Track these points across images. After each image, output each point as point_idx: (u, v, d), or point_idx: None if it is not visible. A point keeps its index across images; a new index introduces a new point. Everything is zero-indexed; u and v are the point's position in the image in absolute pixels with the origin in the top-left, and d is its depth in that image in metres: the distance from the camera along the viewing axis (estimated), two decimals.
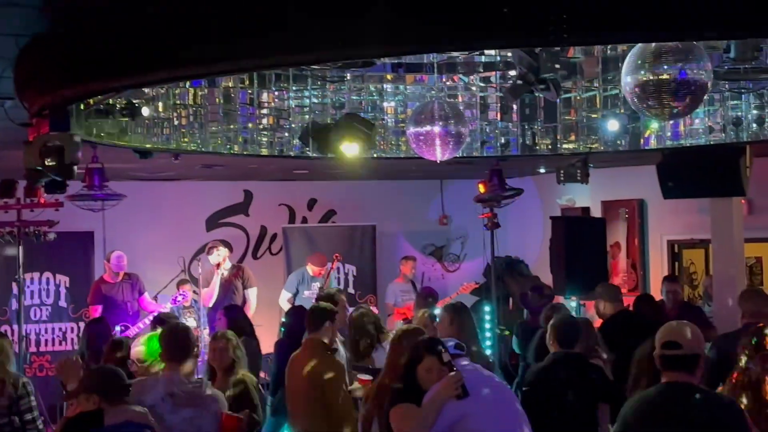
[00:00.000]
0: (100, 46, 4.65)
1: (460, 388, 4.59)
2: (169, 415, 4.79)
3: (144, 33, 4.48)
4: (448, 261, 13.60)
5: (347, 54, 4.30)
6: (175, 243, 12.17)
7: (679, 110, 4.90)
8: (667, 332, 4.17)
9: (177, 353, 4.98)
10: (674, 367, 4.07)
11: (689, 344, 4.10)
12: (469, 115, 8.50)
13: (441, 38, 3.91)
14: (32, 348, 10.93)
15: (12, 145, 7.82)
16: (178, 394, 4.81)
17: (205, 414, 4.86)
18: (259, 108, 8.32)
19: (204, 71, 4.80)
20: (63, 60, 4.85)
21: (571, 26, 3.86)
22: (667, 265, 11.45)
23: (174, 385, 4.85)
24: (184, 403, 4.82)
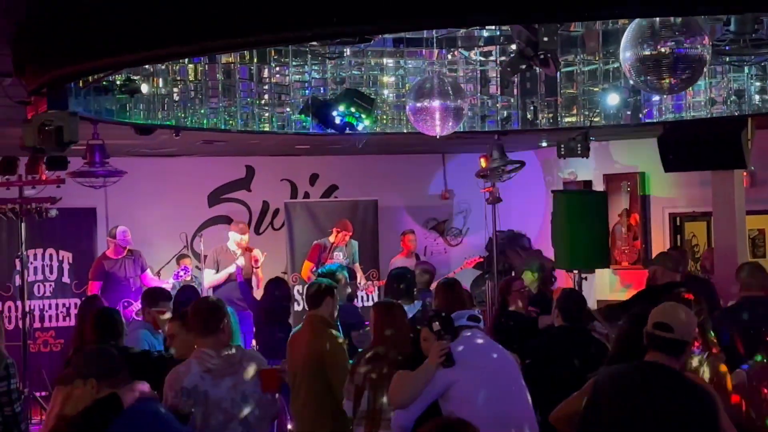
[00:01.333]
0: (97, 24, 4.64)
1: (444, 357, 4.77)
2: (212, 389, 4.86)
3: (141, 10, 4.48)
4: (451, 235, 13.61)
5: (341, 31, 4.29)
6: (177, 219, 12.18)
7: (677, 84, 4.89)
8: (662, 313, 4.15)
9: (203, 329, 5.03)
10: (661, 349, 4.05)
11: (681, 330, 4.08)
12: (470, 90, 8.49)
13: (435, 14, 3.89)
14: (36, 324, 10.96)
15: (12, 123, 7.83)
16: (213, 368, 4.89)
17: (245, 378, 4.95)
18: (260, 83, 8.31)
19: (200, 49, 4.79)
20: (60, 38, 4.84)
21: (568, 2, 3.86)
22: (669, 237, 11.46)
23: (207, 361, 4.91)
24: (223, 373, 4.91)
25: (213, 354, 4.94)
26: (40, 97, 5.30)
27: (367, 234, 12.10)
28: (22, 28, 5.14)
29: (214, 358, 4.93)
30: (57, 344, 11.13)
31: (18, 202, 8.87)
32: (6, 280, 10.74)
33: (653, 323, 4.11)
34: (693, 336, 4.22)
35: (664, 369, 4.05)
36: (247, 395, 4.96)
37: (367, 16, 3.96)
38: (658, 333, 4.07)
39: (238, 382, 4.95)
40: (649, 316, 4.16)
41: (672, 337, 4.05)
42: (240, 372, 4.97)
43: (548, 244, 10.41)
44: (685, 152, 8.54)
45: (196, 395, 4.84)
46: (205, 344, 4.99)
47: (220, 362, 4.93)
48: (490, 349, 5.10)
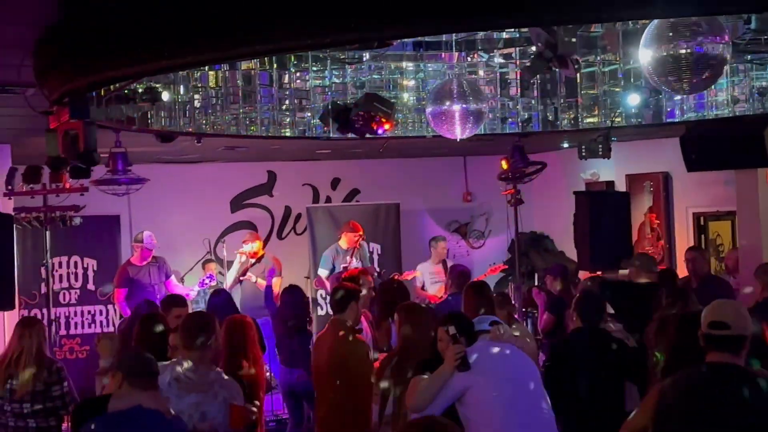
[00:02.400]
0: (117, 34, 4.66)
1: (459, 360, 4.78)
2: (175, 399, 4.80)
3: (161, 19, 4.50)
4: (473, 238, 13.59)
5: (359, 36, 4.30)
6: (200, 225, 12.25)
7: (697, 84, 4.86)
8: (715, 311, 4.09)
9: (187, 339, 5.01)
10: (721, 348, 3.99)
11: (737, 325, 4.02)
12: (490, 92, 8.48)
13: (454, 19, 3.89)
14: (62, 331, 11.06)
15: (36, 132, 7.90)
16: (183, 379, 4.84)
17: (212, 401, 4.86)
18: (280, 89, 8.34)
19: (221, 56, 4.82)
20: (81, 48, 4.88)
21: (586, 4, 3.85)
22: (693, 237, 11.39)
23: (180, 371, 4.88)
24: (190, 388, 4.84)
25: (191, 368, 4.89)
26: (62, 107, 5.34)
27: (389, 237, 12.10)
28: (43, 38, 5.18)
29: (189, 372, 4.87)
30: (83, 351, 11.22)
31: (42, 211, 8.93)
32: (32, 288, 10.82)
33: (708, 323, 4.04)
34: (750, 329, 4.12)
35: (731, 367, 3.99)
36: (206, 417, 4.85)
37: (385, 21, 3.96)
38: (715, 333, 4.01)
39: (202, 402, 4.85)
40: (702, 317, 4.10)
41: (730, 333, 3.99)
42: (208, 393, 4.87)
43: (571, 245, 10.37)
44: (708, 151, 8.47)
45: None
46: (189, 356, 4.96)
47: (193, 377, 4.87)
48: (506, 355, 5.07)
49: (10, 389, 6.33)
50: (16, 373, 6.33)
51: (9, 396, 6.34)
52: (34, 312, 10.96)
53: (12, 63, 5.65)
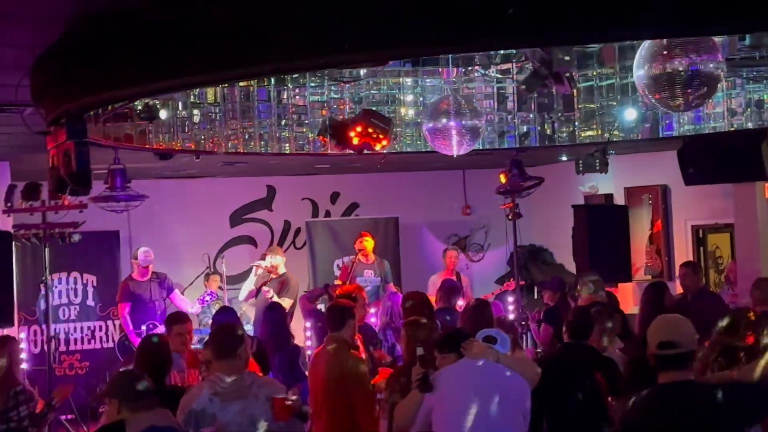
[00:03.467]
0: (113, 55, 4.70)
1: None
2: (220, 412, 4.88)
3: (155, 42, 4.53)
4: (472, 251, 13.59)
5: (353, 58, 4.32)
6: (199, 240, 12.25)
7: (691, 102, 4.88)
8: (662, 331, 4.03)
9: (217, 352, 5.10)
10: (673, 367, 3.95)
11: (685, 341, 3.98)
12: (488, 107, 8.51)
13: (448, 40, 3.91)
14: (62, 347, 11.06)
15: (35, 150, 7.94)
16: (221, 391, 4.91)
17: (255, 403, 4.94)
18: (278, 105, 8.37)
19: (214, 79, 4.84)
20: (77, 70, 4.91)
21: (577, 24, 3.87)
22: (692, 250, 11.39)
23: (216, 385, 4.95)
24: (231, 397, 4.92)
25: (224, 378, 4.97)
26: (59, 127, 5.36)
27: (389, 251, 12.11)
28: (40, 59, 5.21)
29: (224, 383, 4.95)
30: (82, 367, 11.20)
31: (42, 228, 8.95)
32: (31, 304, 10.81)
33: (657, 344, 3.98)
34: (696, 341, 4.08)
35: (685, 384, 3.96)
36: (255, 420, 4.94)
37: (378, 42, 3.99)
38: (666, 353, 3.96)
39: (247, 406, 4.93)
40: (649, 338, 4.05)
41: (680, 351, 3.95)
42: (249, 397, 4.96)
43: (571, 258, 10.39)
44: (706, 165, 8.50)
45: (203, 417, 4.86)
46: (219, 368, 5.03)
47: (229, 386, 4.94)
48: (480, 373, 5.08)
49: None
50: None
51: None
52: (34, 328, 10.99)
53: (9, 83, 5.67)
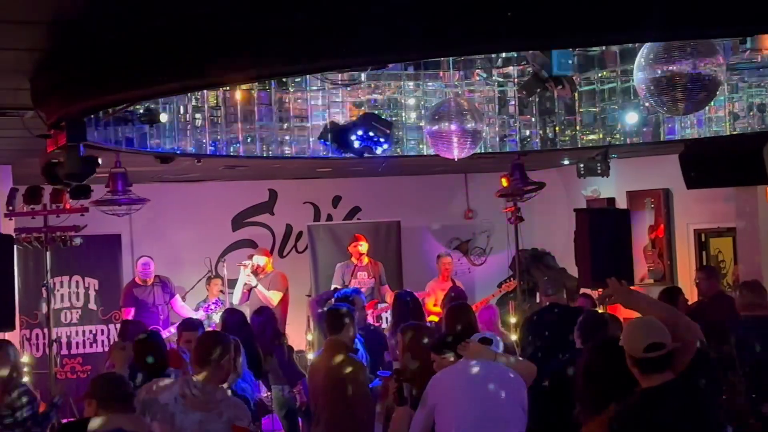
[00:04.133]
0: (113, 59, 4.70)
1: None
2: (180, 415, 4.81)
3: (154, 44, 4.53)
4: (474, 255, 13.58)
5: (352, 61, 4.32)
6: (201, 243, 12.25)
7: (692, 105, 4.87)
8: (647, 334, 3.95)
9: (199, 356, 5.01)
10: (661, 368, 3.90)
11: (667, 340, 3.93)
12: (489, 111, 8.50)
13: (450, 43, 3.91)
14: (63, 351, 11.07)
15: (34, 154, 7.94)
16: (189, 396, 4.83)
17: (216, 420, 4.84)
18: (279, 109, 8.37)
19: (212, 81, 4.84)
20: (77, 73, 4.91)
21: (578, 27, 3.87)
22: (694, 254, 11.37)
23: (187, 387, 4.87)
24: (196, 406, 4.82)
25: (198, 385, 4.88)
26: (59, 131, 5.36)
27: (391, 255, 12.10)
28: (40, 63, 5.21)
29: (196, 389, 4.86)
30: (84, 371, 11.21)
31: (43, 231, 8.94)
32: (33, 308, 10.82)
33: (644, 347, 3.90)
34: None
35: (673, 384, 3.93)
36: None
37: (378, 46, 3.98)
38: (653, 355, 3.90)
39: (206, 420, 4.82)
40: (631, 343, 3.96)
41: (666, 352, 3.91)
42: (212, 412, 4.84)
43: (573, 262, 10.35)
44: (707, 169, 8.49)
45: (162, 412, 4.80)
46: (199, 374, 4.94)
47: (199, 394, 4.85)
48: (479, 371, 5.13)
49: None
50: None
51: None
52: (36, 332, 10.99)
53: (8, 86, 5.68)
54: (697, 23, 3.88)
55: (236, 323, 7.74)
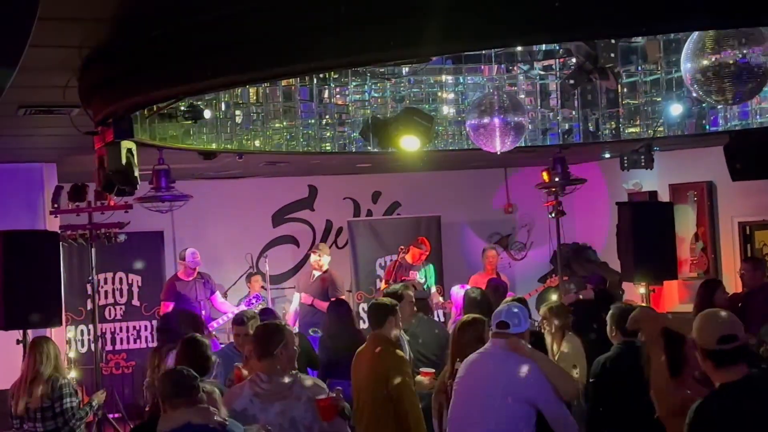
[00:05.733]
0: (160, 56, 4.73)
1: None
2: (260, 413, 4.86)
3: (202, 40, 4.56)
4: (515, 249, 13.52)
5: (400, 54, 4.32)
6: (242, 240, 12.32)
7: (740, 95, 4.80)
8: (720, 325, 3.84)
9: (257, 351, 5.06)
10: (735, 361, 3.75)
11: (743, 333, 3.82)
12: (530, 104, 8.45)
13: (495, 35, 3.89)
14: (108, 347, 11.19)
15: (81, 151, 8.04)
16: (262, 392, 4.88)
17: (296, 404, 4.90)
18: (320, 104, 8.39)
19: (259, 77, 4.86)
20: (124, 70, 4.96)
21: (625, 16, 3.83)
22: (738, 247, 11.24)
23: (257, 385, 4.93)
24: (272, 398, 4.88)
25: (265, 378, 4.93)
26: (106, 127, 5.42)
27: (431, 250, 12.06)
28: (87, 60, 5.26)
29: (265, 383, 4.91)
30: (128, 366, 11.32)
31: (88, 228, 9.07)
32: (78, 304, 10.96)
33: (717, 339, 3.78)
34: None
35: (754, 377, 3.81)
36: (296, 422, 4.89)
37: (423, 39, 3.97)
38: (728, 347, 3.76)
39: (287, 408, 4.88)
40: (704, 335, 3.84)
41: (741, 344, 3.79)
42: (290, 398, 4.91)
43: (614, 256, 10.28)
44: (753, 160, 8.36)
45: (244, 418, 4.83)
46: (260, 368, 4.99)
47: (270, 387, 4.90)
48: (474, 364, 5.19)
49: (27, 408, 6.45)
50: (29, 392, 6.45)
51: (26, 415, 6.47)
52: (81, 328, 11.12)
53: (57, 84, 5.74)
54: (747, 10, 3.83)
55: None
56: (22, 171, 9.57)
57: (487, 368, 5.19)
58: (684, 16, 3.82)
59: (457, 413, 5.24)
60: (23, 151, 8.97)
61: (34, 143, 8.48)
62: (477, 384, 5.17)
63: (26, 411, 6.52)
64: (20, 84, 5.89)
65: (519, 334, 5.22)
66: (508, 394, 5.04)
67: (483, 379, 5.17)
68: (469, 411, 5.14)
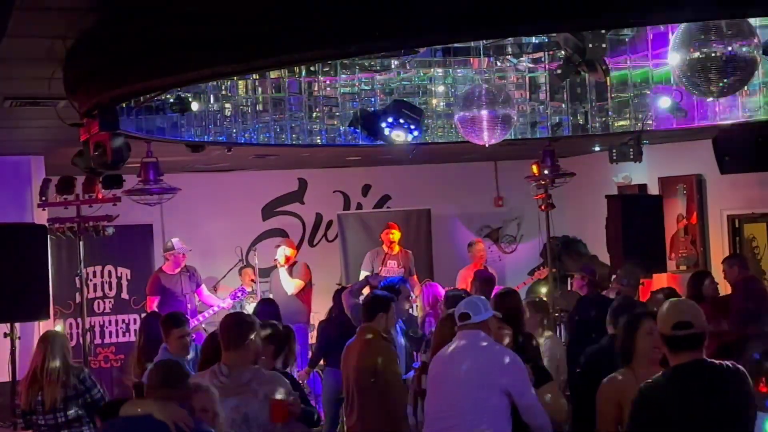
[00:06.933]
0: (146, 46, 4.70)
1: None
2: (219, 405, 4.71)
3: (187, 31, 4.53)
4: (505, 243, 13.53)
5: (384, 45, 4.30)
6: (232, 233, 12.29)
7: (727, 87, 4.80)
8: (675, 312, 4.05)
9: (223, 342, 4.99)
10: (687, 347, 3.97)
11: (698, 322, 4.01)
12: (520, 97, 8.45)
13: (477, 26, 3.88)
14: (97, 340, 11.16)
15: (69, 143, 7.99)
16: (219, 385, 4.77)
17: (252, 401, 4.83)
18: (309, 97, 8.37)
19: (245, 68, 4.84)
20: (110, 61, 4.92)
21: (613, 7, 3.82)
22: (728, 240, 11.25)
23: (215, 377, 4.86)
24: (228, 392, 4.78)
25: (225, 371, 4.86)
26: (92, 119, 5.39)
27: (421, 243, 12.09)
28: (73, 51, 5.23)
29: (224, 376, 4.85)
30: (117, 360, 11.29)
31: (76, 221, 9.03)
32: (67, 297, 10.91)
33: (671, 325, 4.00)
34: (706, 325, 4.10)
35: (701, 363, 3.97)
36: (249, 418, 4.82)
37: (409, 29, 3.96)
38: (681, 333, 3.98)
39: (242, 404, 4.81)
40: (660, 320, 4.08)
41: (694, 332, 3.98)
42: (246, 394, 4.83)
43: (604, 249, 10.30)
44: (741, 153, 8.39)
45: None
46: (227, 359, 4.92)
47: (228, 381, 4.83)
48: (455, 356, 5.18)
49: (41, 401, 6.38)
50: (45, 385, 6.39)
51: (42, 409, 6.40)
52: (69, 321, 11.09)
53: (43, 76, 5.71)
54: (734, 3, 3.82)
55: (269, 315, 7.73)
56: (9, 163, 9.51)
57: (457, 361, 5.16)
58: (669, 7, 3.81)
59: (431, 408, 5.24)
60: (10, 143, 8.92)
61: (21, 135, 8.44)
62: (449, 378, 5.15)
63: (41, 404, 6.42)
64: (5, 75, 5.90)
65: (481, 322, 5.20)
66: (481, 385, 5.03)
67: (454, 372, 5.15)
68: (443, 406, 5.13)
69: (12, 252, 7.94)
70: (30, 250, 8.01)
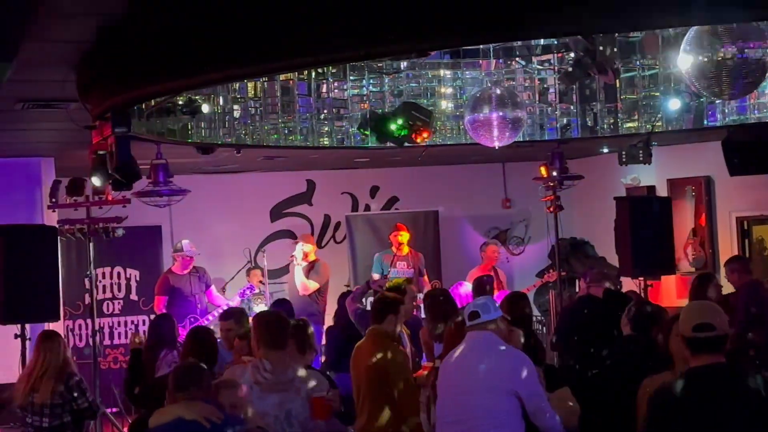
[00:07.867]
0: (158, 50, 4.73)
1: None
2: (256, 401, 4.85)
3: (199, 34, 4.56)
4: (513, 244, 13.52)
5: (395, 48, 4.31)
6: (240, 234, 12.31)
7: (738, 90, 4.80)
8: (696, 314, 4.04)
9: (266, 340, 5.04)
10: (708, 350, 3.93)
11: (720, 325, 3.98)
12: (528, 99, 8.46)
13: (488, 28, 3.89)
14: (106, 341, 11.19)
15: (79, 146, 8.03)
16: (261, 381, 4.88)
17: (294, 398, 4.91)
18: (318, 99, 8.39)
19: (257, 71, 4.86)
20: (122, 64, 4.95)
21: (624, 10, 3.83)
22: (736, 242, 11.24)
23: (259, 373, 4.92)
24: (272, 389, 4.88)
25: (269, 368, 4.93)
26: (104, 122, 5.42)
27: (429, 245, 12.09)
28: (85, 54, 5.26)
29: (268, 372, 4.91)
30: (126, 361, 11.28)
31: (86, 223, 9.04)
32: (76, 298, 10.94)
33: (692, 326, 3.97)
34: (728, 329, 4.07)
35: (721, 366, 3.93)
36: (291, 415, 4.89)
37: (421, 33, 3.97)
38: (702, 335, 3.94)
39: (285, 400, 4.89)
40: (681, 321, 4.05)
41: (716, 334, 3.95)
42: (289, 391, 4.92)
43: (612, 251, 10.29)
44: (751, 155, 8.38)
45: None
46: (267, 356, 4.97)
47: (272, 377, 4.91)
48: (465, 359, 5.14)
49: (32, 401, 6.42)
50: (39, 386, 6.43)
51: (31, 408, 6.45)
52: (79, 322, 11.12)
53: (55, 79, 5.74)
54: (744, 6, 3.83)
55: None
56: (21, 165, 9.56)
57: (468, 364, 5.12)
58: (683, 10, 3.82)
59: (443, 412, 5.20)
60: (21, 145, 8.96)
61: (33, 137, 8.48)
62: (459, 382, 5.11)
63: (31, 404, 6.47)
64: (19, 78, 5.92)
65: (491, 321, 5.15)
66: (493, 389, 4.99)
67: (464, 375, 5.11)
68: (453, 409, 5.09)
69: (22, 253, 7.95)
70: (40, 251, 8.03)
